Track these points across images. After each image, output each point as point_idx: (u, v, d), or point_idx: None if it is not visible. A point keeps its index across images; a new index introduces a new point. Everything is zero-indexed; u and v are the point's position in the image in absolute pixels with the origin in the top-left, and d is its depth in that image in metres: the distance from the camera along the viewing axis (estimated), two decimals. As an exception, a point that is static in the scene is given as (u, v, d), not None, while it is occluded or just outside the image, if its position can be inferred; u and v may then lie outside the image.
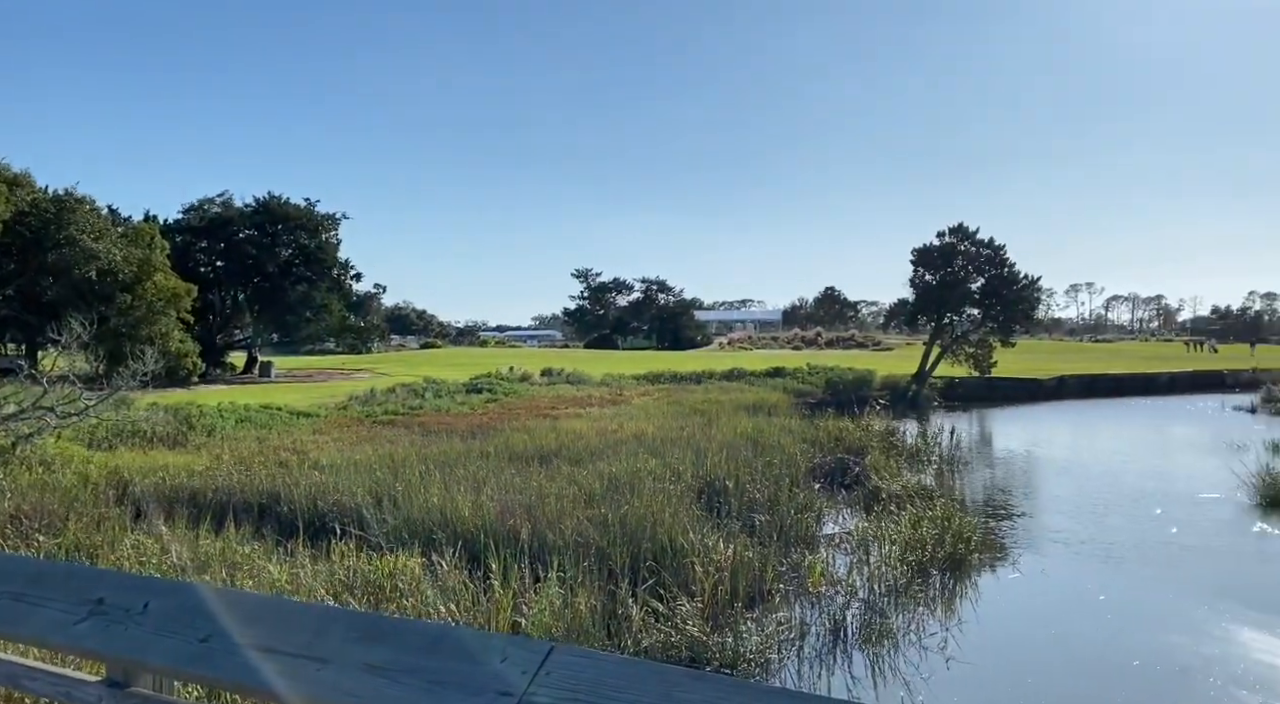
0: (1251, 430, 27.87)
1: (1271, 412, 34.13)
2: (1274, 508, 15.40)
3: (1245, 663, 8.08)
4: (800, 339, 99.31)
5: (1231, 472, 17.62)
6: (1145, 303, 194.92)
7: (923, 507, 13.53)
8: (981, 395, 40.53)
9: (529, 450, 15.05)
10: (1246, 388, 44.55)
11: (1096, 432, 30.99)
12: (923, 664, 8.17)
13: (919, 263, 40.09)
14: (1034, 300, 41.07)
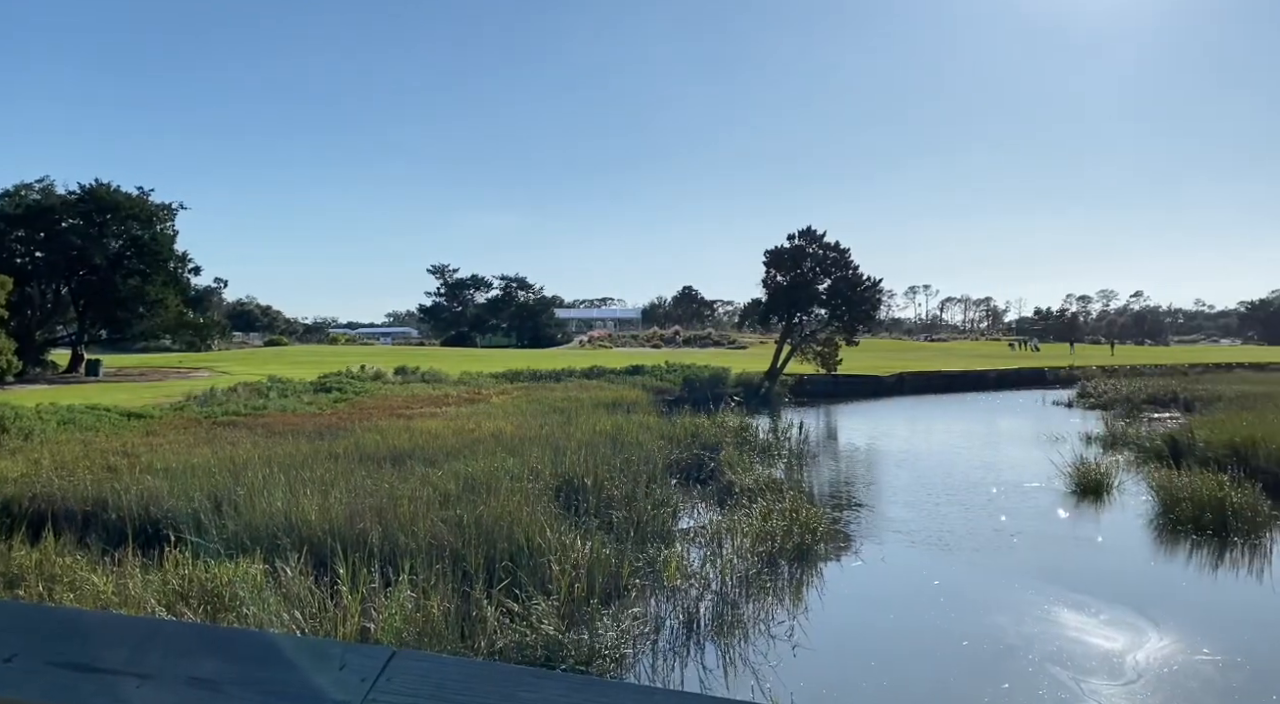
0: (1068, 423, 30.27)
1: (1086, 406, 37.14)
2: (1086, 495, 16.77)
3: (1060, 641, 8.76)
4: (659, 337, 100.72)
5: (1051, 462, 19.07)
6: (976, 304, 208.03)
7: (773, 499, 14.01)
8: (828, 391, 42.31)
9: (381, 451, 14.63)
10: (1064, 384, 48.32)
11: (932, 425, 32.85)
12: (771, 652, 8.46)
13: (771, 264, 41.40)
14: (876, 301, 43.12)
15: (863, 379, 45.34)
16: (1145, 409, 33.31)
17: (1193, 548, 12.95)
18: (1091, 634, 8.90)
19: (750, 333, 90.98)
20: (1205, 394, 33.02)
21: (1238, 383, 37.99)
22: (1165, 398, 35.72)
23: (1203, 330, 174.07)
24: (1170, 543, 13.34)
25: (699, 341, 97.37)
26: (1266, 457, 17.15)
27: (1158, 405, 34.50)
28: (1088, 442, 24.01)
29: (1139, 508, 15.48)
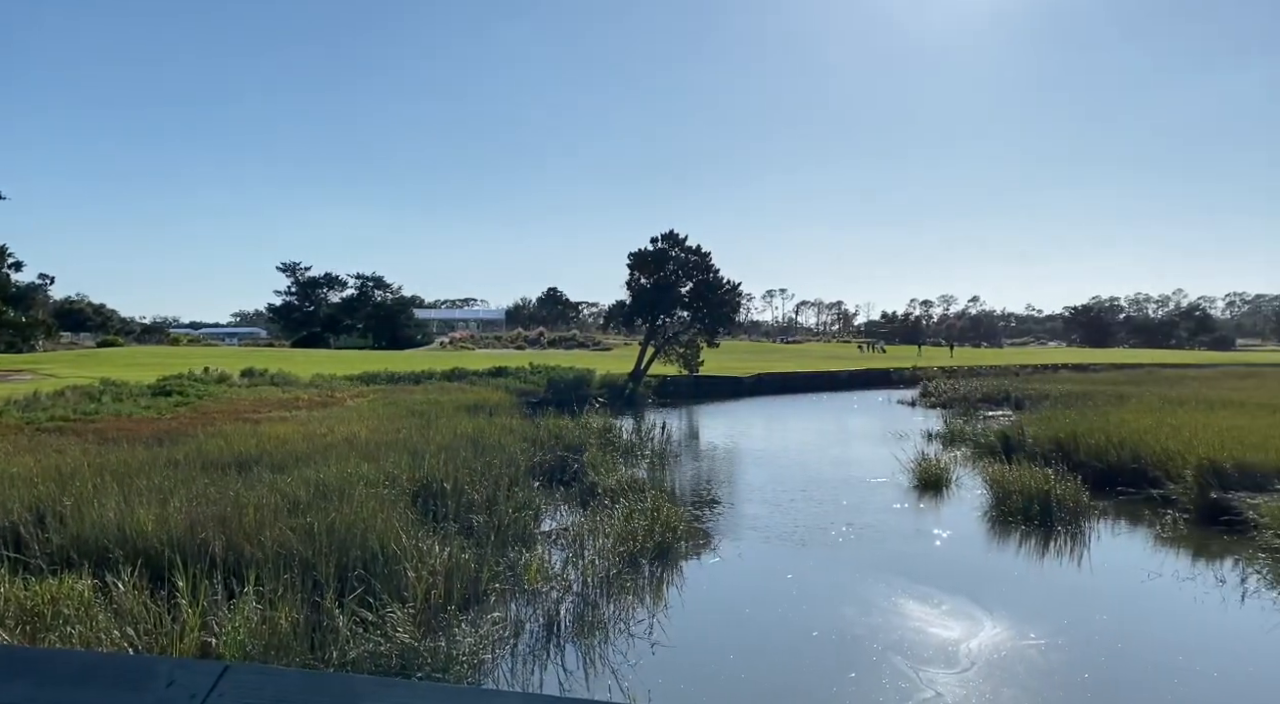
0: (912, 421, 31.89)
1: (927, 405, 39.24)
2: (928, 489, 17.73)
3: (901, 630, 9.22)
4: (523, 339, 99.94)
5: (895, 458, 20.07)
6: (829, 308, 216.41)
7: (635, 499, 14.15)
8: (691, 392, 43.11)
9: (226, 457, 13.90)
10: (908, 384, 50.88)
11: (788, 424, 33.96)
12: (630, 651, 8.55)
13: (635, 267, 41.79)
14: (736, 304, 44.20)
15: (723, 380, 46.44)
16: (981, 407, 35.47)
17: (1022, 538, 13.89)
18: (932, 624, 9.40)
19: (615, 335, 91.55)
20: (1034, 393, 35.48)
21: (1062, 383, 40.99)
22: (999, 397, 38.12)
23: (1032, 333, 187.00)
24: (1002, 533, 14.24)
25: (564, 343, 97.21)
26: (1086, 451, 18.58)
27: (992, 404, 36.79)
28: (929, 439, 25.36)
29: (975, 501, 16.47)
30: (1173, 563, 12.26)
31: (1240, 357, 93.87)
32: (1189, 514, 14.62)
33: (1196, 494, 14.79)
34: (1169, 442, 17.27)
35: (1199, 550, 12.90)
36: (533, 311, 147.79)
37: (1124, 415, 22.26)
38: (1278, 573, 11.26)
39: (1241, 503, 13.73)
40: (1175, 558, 12.56)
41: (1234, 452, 15.66)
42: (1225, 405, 24.84)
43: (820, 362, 66.40)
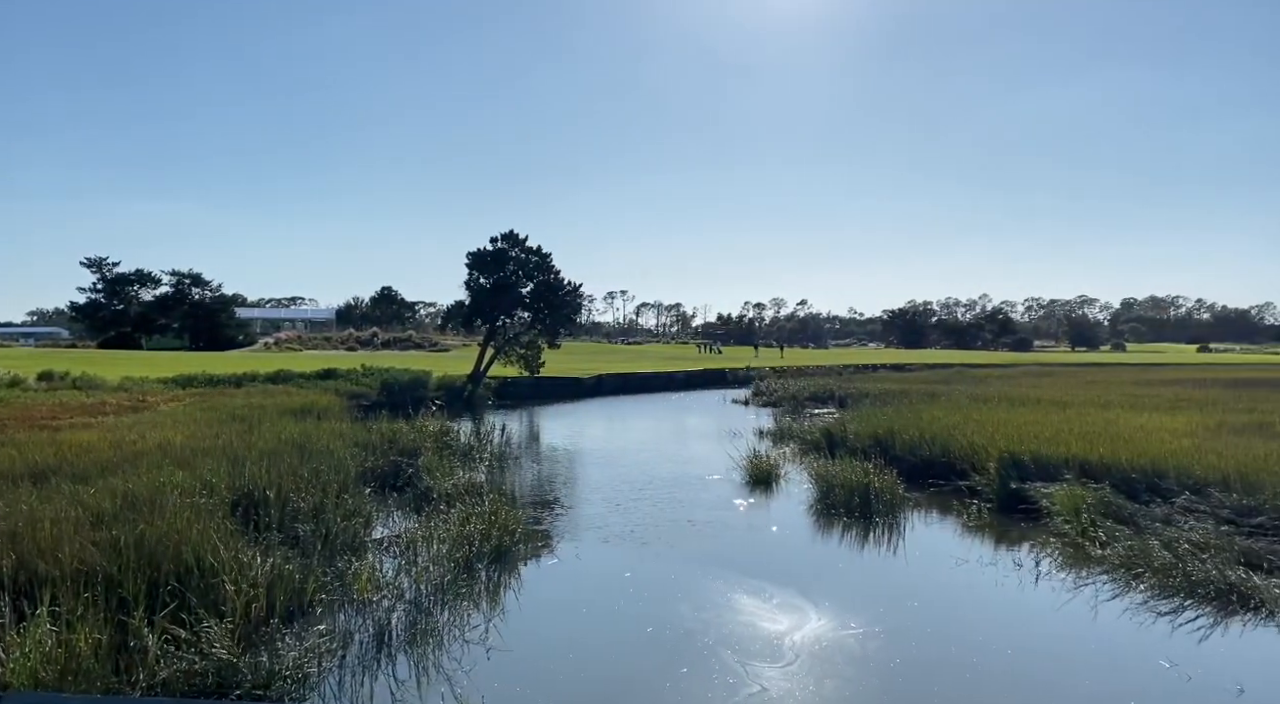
0: (745, 419, 32.97)
1: (760, 404, 40.69)
2: (759, 484, 18.37)
3: (733, 624, 9.49)
4: (355, 340, 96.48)
5: (729, 456, 20.68)
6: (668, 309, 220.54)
7: (472, 503, 13.93)
8: (532, 394, 42.91)
9: (18, 468, 12.69)
10: (742, 383, 52.58)
11: (628, 425, 34.36)
12: (465, 657, 8.41)
13: (474, 266, 41.16)
14: (577, 305, 44.30)
15: (565, 381, 46.48)
16: (808, 405, 37.12)
17: (844, 529, 14.61)
18: (762, 617, 9.72)
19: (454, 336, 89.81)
20: (856, 391, 37.41)
21: (881, 382, 43.44)
22: (824, 395, 39.95)
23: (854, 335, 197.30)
24: (827, 526, 14.93)
25: (399, 344, 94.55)
26: (902, 446, 19.75)
27: (818, 402, 38.54)
28: (760, 436, 26.30)
29: (802, 495, 17.20)
30: (978, 549, 13.22)
31: (1037, 357, 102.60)
32: (992, 503, 15.80)
33: (998, 485, 16.01)
34: (975, 436, 18.61)
35: (1000, 537, 13.97)
36: (366, 311, 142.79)
37: (935, 412, 23.82)
38: (1066, 556, 12.35)
39: (1036, 492, 14.98)
40: (980, 545, 13.55)
41: (1030, 445, 17.05)
42: (1024, 402, 27.03)
43: (660, 362, 67.60)
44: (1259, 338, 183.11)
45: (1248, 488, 13.27)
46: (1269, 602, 9.73)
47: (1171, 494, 13.84)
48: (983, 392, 32.85)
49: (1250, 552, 11.29)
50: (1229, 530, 12.12)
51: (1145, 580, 10.83)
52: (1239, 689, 7.71)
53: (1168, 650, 8.71)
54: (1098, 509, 13.54)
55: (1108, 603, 10.31)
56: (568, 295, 41.97)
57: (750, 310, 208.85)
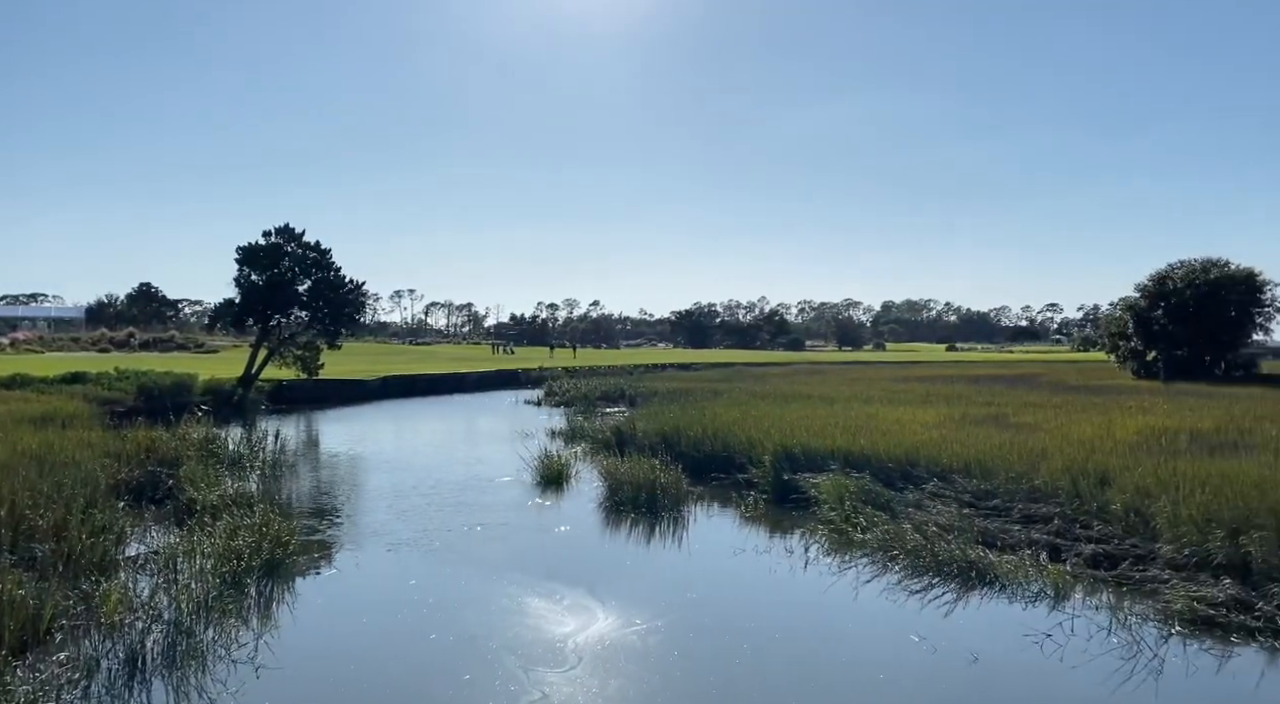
0: (537, 420, 32.95)
1: (552, 404, 40.81)
2: (550, 485, 18.41)
3: (518, 628, 9.41)
4: (109, 340, 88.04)
5: (520, 457, 20.58)
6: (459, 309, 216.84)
7: (241, 515, 13.05)
8: (310, 397, 40.73)
9: None
10: (535, 384, 52.51)
11: (417, 428, 33.45)
12: (231, 678, 7.85)
13: (245, 262, 38.58)
14: (359, 303, 42.60)
15: (347, 383, 44.51)
16: (600, 405, 37.64)
17: (632, 526, 14.92)
18: (549, 620, 9.70)
19: (223, 336, 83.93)
20: (645, 390, 38.32)
21: (669, 381, 44.74)
22: (615, 394, 40.68)
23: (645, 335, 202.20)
24: (616, 523, 15.19)
25: (160, 345, 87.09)
26: (686, 442, 20.43)
27: (610, 401, 39.18)
28: (552, 436, 26.38)
29: (592, 494, 17.40)
30: (754, 539, 13.90)
31: (809, 356, 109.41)
32: (767, 495, 16.67)
33: (772, 477, 16.92)
34: (753, 432, 19.56)
35: (774, 526, 14.76)
36: (121, 310, 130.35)
37: (718, 409, 24.84)
38: (832, 542, 13.23)
39: (806, 483, 15.96)
40: (756, 534, 14.26)
41: (802, 439, 18.14)
42: (797, 399, 28.72)
43: (451, 363, 66.25)
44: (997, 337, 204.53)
45: (985, 473, 14.78)
46: (1001, 576, 10.87)
47: (923, 481, 15.17)
48: (761, 389, 34.59)
49: (987, 531, 12.57)
50: (969, 513, 13.44)
51: (900, 561, 11.79)
52: (974, 658, 8.55)
53: (918, 625, 9.52)
54: (859, 497, 14.60)
55: (867, 584, 11.14)
56: (349, 293, 40.25)
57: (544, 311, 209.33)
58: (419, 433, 31.59)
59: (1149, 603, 9.95)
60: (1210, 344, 44.07)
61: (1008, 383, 39.72)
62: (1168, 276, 45.11)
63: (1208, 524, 10.82)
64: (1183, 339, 43.73)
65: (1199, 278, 43.76)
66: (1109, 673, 8.08)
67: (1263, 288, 43.74)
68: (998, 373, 51.91)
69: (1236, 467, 13.11)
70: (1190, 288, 43.54)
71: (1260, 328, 44.58)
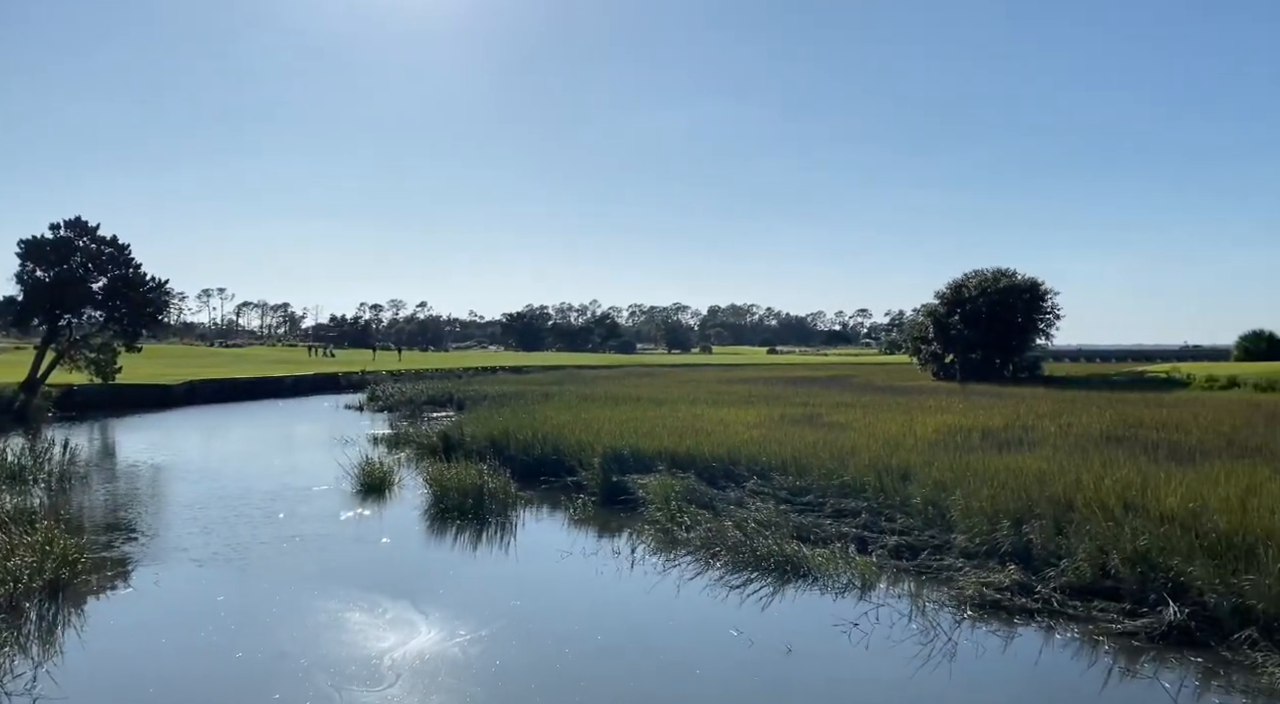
0: (359, 425, 31.81)
1: (375, 409, 39.50)
2: (372, 493, 17.80)
3: (332, 645, 8.98)
4: None
5: (339, 464, 19.78)
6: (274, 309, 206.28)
7: (20, 533, 11.86)
8: (107, 403, 37.64)
9: None
10: (357, 388, 50.71)
11: (228, 435, 31.53)
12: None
13: (29, 257, 35.21)
14: (162, 303, 39.73)
15: (149, 388, 41.37)
16: (426, 409, 36.80)
17: (458, 533, 14.65)
18: (366, 635, 9.31)
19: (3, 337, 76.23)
20: (474, 394, 37.78)
21: (500, 384, 44.31)
22: (443, 398, 39.87)
23: (475, 337, 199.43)
24: (442, 531, 14.87)
25: (-75, 346, 77.94)
26: (516, 446, 20.30)
27: (437, 405, 38.38)
28: (375, 442, 25.54)
29: (417, 501, 16.96)
30: (582, 541, 13.96)
31: (639, 359, 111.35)
32: (596, 497, 16.79)
33: (601, 479, 17.07)
34: (583, 434, 19.67)
35: (603, 528, 14.89)
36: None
37: (548, 412, 24.83)
38: (658, 541, 13.49)
39: (634, 484, 16.21)
40: (584, 537, 14.33)
41: (630, 440, 18.41)
42: (627, 401, 29.13)
43: (265, 367, 62.84)
44: (813, 341, 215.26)
45: (800, 470, 15.49)
46: (814, 569, 11.41)
47: (744, 479, 15.73)
48: (592, 391, 34.84)
49: (802, 526, 13.18)
50: (786, 509, 14.04)
51: (721, 558, 12.16)
52: (787, 649, 8.93)
53: (736, 619, 9.86)
54: (684, 496, 14.96)
55: (690, 581, 11.42)
56: (150, 292, 37.48)
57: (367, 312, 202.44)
58: (229, 440, 29.79)
59: (945, 590, 10.71)
60: (1000, 348, 48.08)
61: (822, 384, 41.86)
62: (963, 285, 48.88)
63: (996, 515, 11.78)
64: (976, 343, 47.47)
65: (990, 286, 47.67)
66: (909, 657, 8.65)
67: (1045, 296, 48.19)
68: (814, 375, 54.63)
69: (1021, 461, 14.36)
70: (983, 295, 47.35)
71: (1042, 333, 49.05)
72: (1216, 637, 8.68)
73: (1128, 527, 10.36)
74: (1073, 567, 10.29)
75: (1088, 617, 9.50)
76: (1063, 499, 11.79)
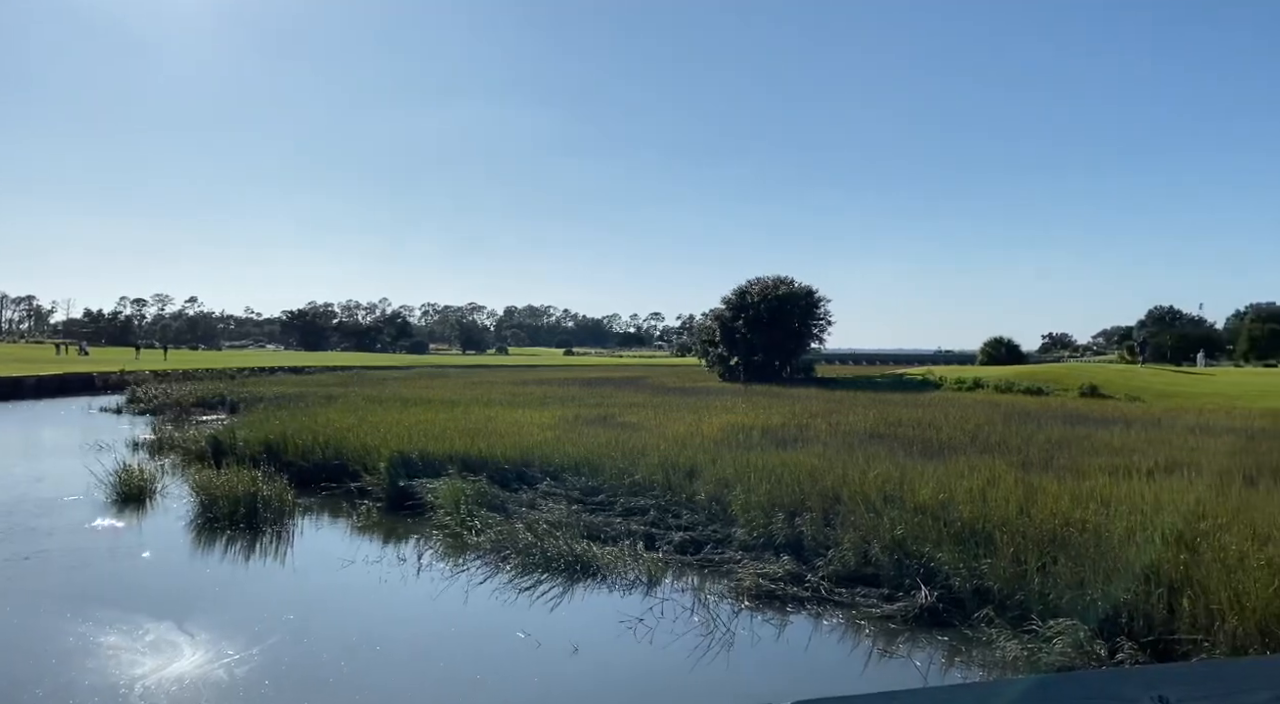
0: (117, 429, 29.06)
1: (136, 411, 36.22)
2: (130, 503, 16.29)
3: (80, 671, 8.12)
4: None
5: (92, 472, 17.95)
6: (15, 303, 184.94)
7: None
8: None
9: None
10: (116, 389, 46.36)
11: (-48, 443, 27.87)
12: None
13: None
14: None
15: None
16: (195, 412, 34.17)
17: (228, 544, 13.69)
18: (118, 660, 8.46)
19: None
20: (250, 395, 35.51)
21: (279, 385, 41.95)
22: (214, 400, 37.20)
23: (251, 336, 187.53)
24: (209, 543, 13.83)
25: None
26: (295, 450, 19.27)
27: (207, 408, 35.72)
28: (135, 448, 23.45)
29: (182, 511, 15.69)
30: (365, 549, 13.44)
31: (432, 359, 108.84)
32: (382, 502, 16.22)
33: (388, 484, 16.51)
34: (369, 438, 18.96)
35: (388, 534, 14.41)
36: None
37: (331, 415, 23.76)
38: (447, 546, 13.22)
39: (423, 488, 15.80)
40: (368, 544, 13.81)
41: (420, 443, 17.95)
42: (418, 402, 28.39)
43: (2, 366, 56.05)
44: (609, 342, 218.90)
45: (593, 470, 15.69)
46: (603, 567, 11.59)
47: (537, 481, 15.73)
48: (380, 393, 33.69)
49: (593, 526, 13.34)
50: (578, 509, 14.18)
51: (512, 561, 12.08)
52: (574, 649, 9.01)
53: (525, 622, 9.82)
54: (476, 500, 14.75)
55: (479, 586, 11.27)
56: None
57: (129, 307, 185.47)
58: (-43, 449, 26.35)
59: (725, 582, 11.19)
60: (780, 351, 50.99)
61: (616, 385, 42.66)
62: (747, 291, 51.44)
63: (772, 509, 12.44)
64: (759, 346, 50.08)
65: (771, 293, 50.47)
66: (690, 650, 8.96)
67: (818, 303, 51.65)
68: (609, 376, 55.59)
69: (796, 457, 15.26)
70: (764, 301, 50.05)
71: (816, 337, 52.57)
72: (960, 616, 9.59)
73: (886, 517, 11.25)
74: (839, 556, 11.04)
75: (852, 603, 10.22)
76: (831, 493, 12.63)
